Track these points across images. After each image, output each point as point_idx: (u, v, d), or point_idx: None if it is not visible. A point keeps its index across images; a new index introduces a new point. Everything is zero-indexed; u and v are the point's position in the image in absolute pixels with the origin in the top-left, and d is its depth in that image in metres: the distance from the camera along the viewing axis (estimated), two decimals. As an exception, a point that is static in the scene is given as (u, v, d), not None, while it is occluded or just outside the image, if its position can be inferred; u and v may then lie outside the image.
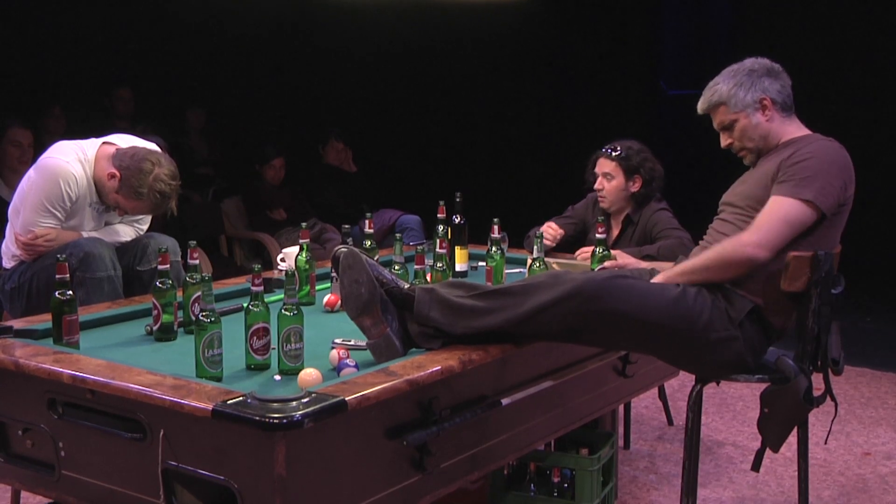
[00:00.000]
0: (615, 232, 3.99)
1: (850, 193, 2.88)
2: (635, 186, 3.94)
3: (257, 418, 1.96)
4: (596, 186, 3.98)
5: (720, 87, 2.98)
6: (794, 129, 2.98)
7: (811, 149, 2.85)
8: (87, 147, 3.63)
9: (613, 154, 3.94)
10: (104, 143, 3.67)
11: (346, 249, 2.66)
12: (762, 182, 2.89)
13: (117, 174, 3.52)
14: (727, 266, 2.78)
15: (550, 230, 4.03)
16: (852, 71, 7.58)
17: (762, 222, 2.79)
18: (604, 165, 3.96)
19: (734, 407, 4.71)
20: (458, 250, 3.69)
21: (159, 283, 2.79)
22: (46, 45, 7.06)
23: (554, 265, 3.49)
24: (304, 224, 3.41)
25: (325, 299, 3.22)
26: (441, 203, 3.66)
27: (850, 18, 7.53)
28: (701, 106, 3.04)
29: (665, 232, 3.83)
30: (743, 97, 2.94)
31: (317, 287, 3.36)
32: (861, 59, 7.58)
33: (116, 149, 3.61)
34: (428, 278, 3.07)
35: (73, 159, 3.56)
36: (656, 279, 2.86)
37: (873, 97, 7.53)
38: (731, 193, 3.04)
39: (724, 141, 3.03)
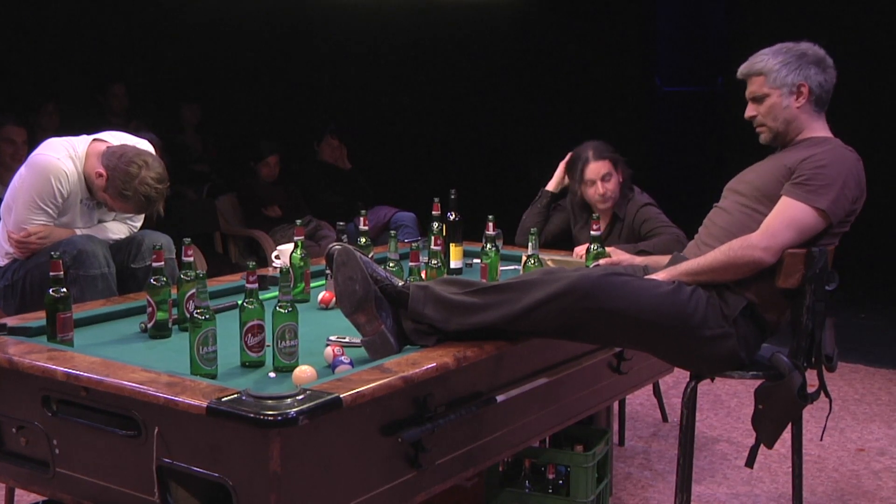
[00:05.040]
0: (602, 228, 3.97)
1: (859, 207, 2.88)
2: (622, 177, 3.94)
3: (252, 415, 1.95)
4: (598, 192, 3.88)
5: (767, 58, 2.95)
6: (819, 128, 2.96)
7: (832, 156, 2.83)
8: (77, 144, 3.61)
9: (607, 154, 3.91)
10: (95, 139, 3.65)
11: (340, 246, 2.66)
12: (774, 175, 2.88)
13: (104, 174, 3.50)
14: (734, 268, 2.77)
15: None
16: (848, 68, 7.58)
17: (772, 225, 2.78)
18: (600, 168, 3.89)
19: (728, 403, 4.72)
20: (452, 247, 3.69)
21: (154, 280, 2.79)
22: (40, 42, 7.03)
23: (549, 262, 3.49)
24: (298, 221, 3.40)
25: (320, 296, 3.21)
26: (436, 200, 3.66)
27: (845, 15, 7.53)
28: (741, 70, 3.01)
29: (658, 229, 3.82)
30: (784, 76, 2.91)
31: (311, 284, 3.35)
32: (856, 56, 7.59)
33: (107, 146, 3.59)
34: (423, 275, 3.08)
35: (63, 156, 3.55)
36: (658, 276, 2.86)
37: (869, 95, 7.53)
38: (738, 181, 3.03)
39: (749, 112, 3.00)
